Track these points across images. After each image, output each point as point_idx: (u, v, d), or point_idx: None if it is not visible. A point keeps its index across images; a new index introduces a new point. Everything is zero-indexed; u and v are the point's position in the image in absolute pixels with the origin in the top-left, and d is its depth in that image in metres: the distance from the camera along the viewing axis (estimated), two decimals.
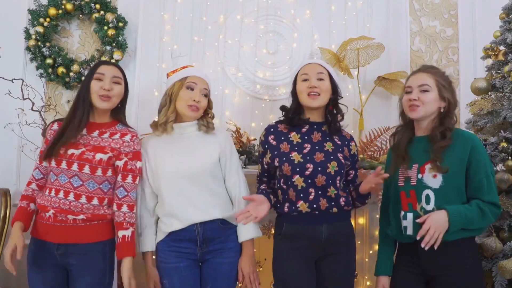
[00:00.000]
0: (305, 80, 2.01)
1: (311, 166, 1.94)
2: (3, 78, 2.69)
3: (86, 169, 1.88)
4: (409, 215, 1.83)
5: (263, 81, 3.05)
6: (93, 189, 1.90)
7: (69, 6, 2.89)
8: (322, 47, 3.00)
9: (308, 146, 1.99)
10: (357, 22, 3.12)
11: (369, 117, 2.99)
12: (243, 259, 1.99)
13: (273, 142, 2.04)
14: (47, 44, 2.87)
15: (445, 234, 1.71)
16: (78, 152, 1.88)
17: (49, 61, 2.85)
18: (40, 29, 2.85)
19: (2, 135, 2.79)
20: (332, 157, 1.96)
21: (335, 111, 2.06)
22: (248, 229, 1.98)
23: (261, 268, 2.65)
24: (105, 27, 2.89)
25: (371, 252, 2.82)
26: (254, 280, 1.99)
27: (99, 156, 1.89)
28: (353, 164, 2.09)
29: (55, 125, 1.99)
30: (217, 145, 2.02)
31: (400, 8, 3.18)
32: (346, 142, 2.05)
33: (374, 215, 2.77)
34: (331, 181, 1.94)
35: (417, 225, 1.77)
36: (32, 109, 2.70)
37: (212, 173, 1.98)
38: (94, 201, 1.90)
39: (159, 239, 1.99)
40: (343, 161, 1.98)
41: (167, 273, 1.94)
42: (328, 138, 2.02)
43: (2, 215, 2.45)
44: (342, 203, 1.97)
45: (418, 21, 3.23)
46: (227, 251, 1.97)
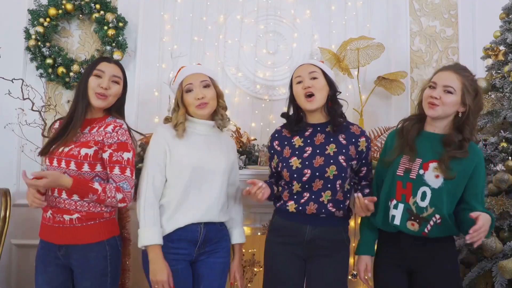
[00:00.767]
0: (300, 82, 2.01)
1: (309, 172, 1.94)
2: (3, 78, 2.69)
3: (72, 166, 1.83)
4: (401, 206, 1.86)
5: (263, 81, 3.05)
6: None
7: (69, 6, 2.89)
8: (322, 47, 2.99)
9: (309, 150, 1.98)
10: (357, 22, 3.12)
11: (369, 117, 2.98)
12: (237, 263, 2.09)
13: (278, 148, 2.06)
14: (47, 44, 2.87)
15: (432, 232, 1.80)
16: (67, 149, 1.86)
17: (49, 61, 2.85)
18: (40, 29, 2.85)
19: (2, 135, 2.79)
20: (332, 161, 1.94)
21: (335, 107, 2.04)
22: (243, 234, 2.12)
23: (261, 268, 2.65)
24: (105, 27, 2.89)
25: None
26: (243, 284, 2.13)
27: (84, 151, 1.84)
28: (365, 160, 2.04)
29: (57, 124, 1.98)
30: (233, 151, 2.12)
31: (400, 8, 3.17)
32: (354, 139, 2.01)
33: None
34: (330, 185, 1.94)
35: (406, 217, 1.83)
36: (32, 109, 2.69)
37: (229, 175, 2.03)
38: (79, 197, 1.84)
39: None
40: (345, 164, 1.95)
41: None
42: (332, 139, 1.99)
43: (2, 215, 2.45)
44: (331, 209, 1.95)
45: (418, 21, 3.23)
46: (221, 251, 2.00)
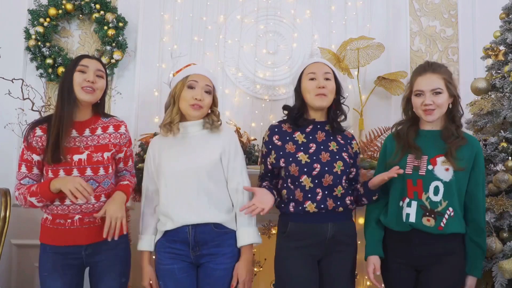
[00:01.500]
0: (312, 79, 2.00)
1: (318, 166, 1.95)
2: (3, 78, 2.69)
3: (101, 171, 1.91)
4: (414, 203, 1.89)
5: (263, 81, 3.06)
6: (108, 186, 1.94)
7: (69, 6, 2.89)
8: (322, 47, 2.99)
9: (314, 146, 1.99)
10: (357, 22, 3.13)
11: (369, 117, 2.99)
12: (241, 265, 1.93)
13: (278, 143, 2.02)
14: (47, 44, 2.87)
15: (447, 226, 1.85)
16: (85, 157, 1.88)
17: (49, 61, 2.85)
18: (40, 29, 2.85)
19: (2, 135, 2.79)
20: (338, 157, 1.98)
21: (338, 111, 2.06)
22: (249, 234, 1.94)
23: (261, 268, 2.65)
24: (105, 27, 2.89)
25: None
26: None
27: (106, 155, 1.93)
28: (354, 162, 2.09)
29: (38, 131, 1.88)
30: (220, 145, 1.96)
31: (400, 8, 3.18)
32: (348, 141, 2.07)
33: None
34: (338, 181, 1.96)
35: (421, 214, 1.87)
36: (32, 109, 2.69)
37: (209, 173, 1.92)
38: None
39: (157, 239, 1.99)
40: (348, 160, 2.00)
41: (162, 275, 1.93)
42: (332, 138, 2.03)
43: (2, 215, 2.45)
44: (348, 202, 1.98)
45: (418, 21, 3.23)
46: (222, 257, 1.91)
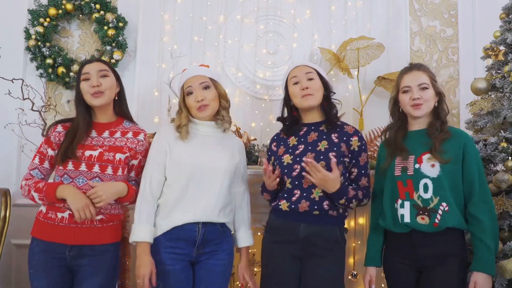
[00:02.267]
0: (296, 83, 2.04)
1: (298, 167, 1.95)
2: (3, 78, 2.69)
3: (109, 170, 1.90)
4: (406, 203, 1.91)
5: (263, 81, 3.06)
6: None
7: (69, 6, 2.89)
8: (322, 47, 3.00)
9: (302, 147, 2.01)
10: (357, 22, 3.13)
11: (369, 117, 2.98)
12: (244, 264, 2.07)
13: (274, 149, 2.11)
14: (47, 44, 2.87)
15: (442, 221, 1.84)
16: (96, 154, 1.89)
17: (49, 61, 2.85)
18: (40, 29, 2.85)
19: (2, 135, 2.79)
20: (322, 157, 1.95)
21: (329, 107, 2.07)
22: (249, 236, 2.09)
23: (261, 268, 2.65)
24: (105, 27, 2.89)
25: None
26: (254, 282, 2.08)
27: (119, 156, 1.93)
28: (355, 161, 2.03)
29: (59, 127, 1.96)
30: (237, 151, 2.08)
31: (400, 8, 3.18)
32: (346, 138, 2.02)
33: None
34: None
35: (415, 213, 1.87)
36: (32, 109, 2.70)
37: (231, 175, 2.01)
38: (112, 201, 1.92)
39: (155, 236, 1.92)
40: (335, 160, 1.94)
41: (162, 275, 1.90)
42: (325, 137, 2.02)
43: (2, 215, 2.45)
44: (326, 207, 1.95)
45: (418, 21, 3.23)
46: (222, 253, 1.97)
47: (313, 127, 2.06)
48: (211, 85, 2.01)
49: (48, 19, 2.89)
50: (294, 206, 1.95)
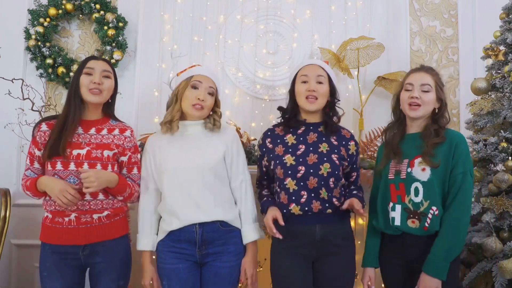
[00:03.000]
0: (304, 82, 2.00)
1: (303, 169, 1.94)
2: (3, 78, 2.69)
3: (98, 168, 1.90)
4: (398, 207, 1.91)
5: (263, 81, 3.06)
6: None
7: (69, 6, 2.89)
8: (322, 47, 3.00)
9: (303, 148, 1.99)
10: (357, 22, 3.12)
11: (369, 117, 2.98)
12: (248, 260, 1.99)
13: (269, 145, 2.05)
14: (47, 44, 2.87)
15: (432, 225, 1.83)
16: (84, 152, 1.89)
17: (49, 61, 2.85)
18: (40, 29, 2.85)
19: (2, 135, 2.79)
20: (326, 159, 1.95)
21: (331, 114, 2.06)
22: (254, 230, 2.00)
23: (261, 268, 2.65)
24: (105, 27, 2.89)
25: None
26: (254, 282, 1.99)
27: (107, 153, 1.92)
28: (355, 165, 2.06)
29: (44, 126, 1.95)
30: (223, 144, 2.00)
31: (400, 8, 3.17)
32: (344, 142, 2.04)
33: None
34: (323, 183, 1.94)
35: (405, 216, 1.87)
36: (32, 109, 2.70)
37: (216, 172, 1.96)
38: (111, 196, 1.94)
39: (159, 239, 1.98)
40: (338, 162, 1.97)
41: (166, 274, 1.92)
42: (324, 139, 2.01)
43: (2, 215, 2.45)
44: (336, 203, 1.95)
45: (418, 21, 3.23)
46: (227, 255, 1.94)
47: (312, 127, 2.04)
48: (214, 94, 2.02)
49: (48, 19, 2.89)
50: (308, 208, 1.92)
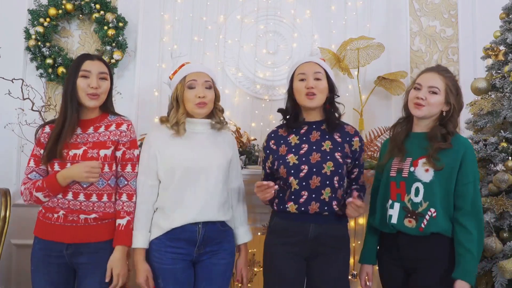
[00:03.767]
0: (302, 80, 2.00)
1: (306, 168, 1.94)
2: (3, 78, 2.69)
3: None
4: (396, 205, 1.91)
5: (263, 81, 3.06)
6: (103, 186, 1.90)
7: (69, 6, 2.89)
8: (322, 47, 3.00)
9: (306, 147, 1.99)
10: (357, 22, 3.12)
11: (369, 117, 2.99)
12: (243, 261, 2.08)
13: (274, 147, 2.06)
14: (47, 44, 2.87)
15: (428, 226, 1.84)
16: (80, 152, 1.87)
17: (49, 61, 2.85)
18: (40, 29, 2.85)
19: (2, 135, 2.79)
20: (329, 157, 1.95)
21: (332, 110, 2.06)
22: (247, 232, 2.10)
23: (261, 268, 2.64)
24: (105, 27, 2.89)
25: None
26: (247, 281, 2.11)
27: (103, 152, 1.90)
28: (357, 162, 2.06)
29: (47, 128, 1.96)
30: (231, 147, 2.06)
31: (400, 8, 3.17)
32: (348, 138, 2.03)
33: None
34: (328, 182, 1.94)
35: (403, 215, 1.87)
36: (32, 109, 2.70)
37: (223, 173, 1.99)
38: (104, 198, 1.91)
39: (155, 236, 1.93)
40: (341, 160, 1.97)
41: (162, 274, 1.91)
42: (328, 137, 2.01)
43: (2, 215, 2.45)
44: (335, 207, 1.95)
45: (418, 21, 3.23)
46: (223, 253, 1.97)
47: (314, 126, 2.04)
48: (212, 86, 2.02)
49: (48, 19, 2.88)
50: (304, 208, 1.93)
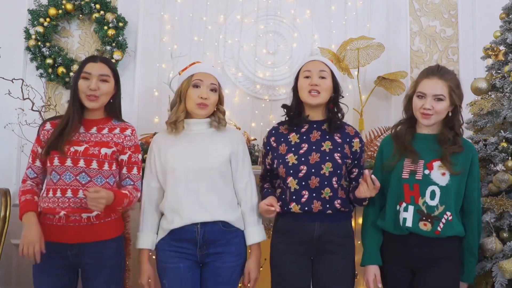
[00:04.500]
0: (307, 77, 2.01)
1: (305, 168, 1.95)
2: (3, 78, 2.69)
3: (94, 164, 1.89)
4: (410, 207, 1.89)
5: (263, 81, 3.05)
6: (101, 184, 1.90)
7: (69, 6, 2.89)
8: (322, 47, 2.99)
9: (305, 146, 2.00)
10: (357, 22, 3.12)
11: (369, 117, 2.99)
12: (252, 262, 2.00)
13: (274, 144, 2.06)
14: (47, 44, 2.87)
15: (444, 230, 1.86)
16: (82, 149, 1.89)
17: (49, 61, 2.85)
18: (40, 29, 2.85)
19: (2, 135, 2.79)
20: (328, 158, 1.96)
21: (336, 110, 2.06)
22: (258, 233, 2.01)
23: (261, 268, 2.64)
24: (105, 27, 2.89)
25: None
26: (254, 285, 2.01)
27: (104, 151, 1.91)
28: (357, 162, 2.06)
29: (48, 125, 1.97)
30: (229, 145, 2.00)
31: (400, 8, 3.18)
32: (348, 139, 2.03)
33: None
34: (326, 182, 1.94)
35: (417, 218, 1.86)
36: (32, 109, 2.69)
37: (221, 172, 1.96)
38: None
39: (160, 238, 1.97)
40: (340, 161, 1.97)
41: (167, 274, 1.92)
42: (328, 137, 2.01)
43: (2, 215, 2.45)
44: (337, 206, 1.96)
45: (418, 21, 3.23)
46: (228, 255, 1.94)
47: (315, 125, 2.04)
48: (217, 90, 2.01)
49: (48, 19, 2.88)
50: (308, 208, 1.93)
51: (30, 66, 2.91)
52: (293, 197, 1.95)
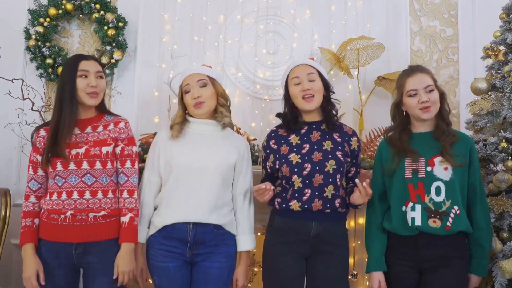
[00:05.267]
0: (297, 84, 2.03)
1: (309, 166, 1.96)
2: (3, 78, 2.69)
3: (98, 165, 1.90)
4: (417, 206, 1.90)
5: (263, 81, 3.06)
6: (107, 183, 1.92)
7: (69, 6, 2.89)
8: (322, 47, 3.00)
9: (307, 146, 2.01)
10: (357, 22, 3.12)
11: (369, 117, 2.98)
12: (241, 270, 2.02)
13: (274, 146, 2.07)
14: (47, 44, 2.87)
15: (454, 225, 1.87)
16: (82, 151, 1.89)
17: (49, 61, 2.85)
18: (40, 29, 2.85)
19: (2, 135, 2.79)
20: (331, 156, 1.98)
21: (329, 107, 2.08)
22: (250, 241, 2.04)
23: (261, 268, 2.64)
24: (105, 27, 2.89)
25: None
26: None
27: (105, 149, 1.92)
28: (354, 160, 2.08)
29: (42, 131, 1.96)
30: (236, 151, 2.05)
31: (400, 8, 3.17)
32: (347, 138, 2.06)
33: None
34: (331, 180, 1.96)
35: (426, 216, 1.87)
36: (32, 109, 2.69)
37: (224, 176, 1.98)
38: (110, 195, 1.92)
39: (150, 233, 1.98)
40: (342, 159, 2.00)
41: (156, 271, 1.94)
42: (328, 136, 2.03)
43: (2, 215, 2.45)
44: (337, 205, 1.97)
45: (418, 21, 3.23)
46: (217, 255, 1.95)
47: (314, 126, 2.07)
48: (209, 83, 2.03)
49: (48, 19, 2.88)
50: (307, 206, 1.94)
51: (30, 66, 2.92)
52: (296, 195, 1.96)
